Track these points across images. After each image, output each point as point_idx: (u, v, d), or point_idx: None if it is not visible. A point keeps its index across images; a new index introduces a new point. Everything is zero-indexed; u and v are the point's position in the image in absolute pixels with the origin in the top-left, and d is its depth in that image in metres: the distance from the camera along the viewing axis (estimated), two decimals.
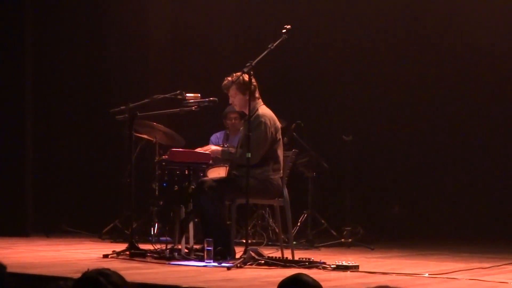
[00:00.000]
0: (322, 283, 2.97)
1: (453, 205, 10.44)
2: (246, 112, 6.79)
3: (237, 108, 7.15)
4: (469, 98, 10.46)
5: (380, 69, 10.71)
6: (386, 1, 10.69)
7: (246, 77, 6.74)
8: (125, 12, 10.87)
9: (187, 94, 7.22)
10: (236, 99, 6.90)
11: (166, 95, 7.44)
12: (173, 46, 11.33)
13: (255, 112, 6.72)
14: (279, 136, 6.84)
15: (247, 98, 6.75)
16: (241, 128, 7.27)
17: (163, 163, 7.18)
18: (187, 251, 6.71)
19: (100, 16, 10.89)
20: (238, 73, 6.77)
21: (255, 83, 6.79)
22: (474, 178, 10.43)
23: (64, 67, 10.74)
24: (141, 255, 6.79)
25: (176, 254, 6.63)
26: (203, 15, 11.10)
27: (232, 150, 7.02)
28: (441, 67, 10.58)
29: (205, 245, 6.33)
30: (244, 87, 6.78)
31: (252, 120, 6.59)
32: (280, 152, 6.86)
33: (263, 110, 6.81)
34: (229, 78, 6.85)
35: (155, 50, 11.21)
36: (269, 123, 6.73)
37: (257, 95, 6.84)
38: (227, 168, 7.03)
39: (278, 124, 6.85)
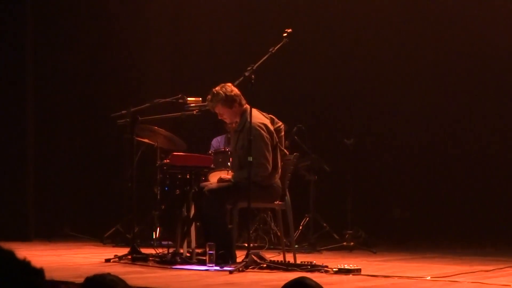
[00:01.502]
0: (324, 287, 2.96)
1: (455, 208, 10.43)
2: (238, 120, 6.78)
3: (227, 121, 7.09)
4: (470, 101, 10.47)
5: (381, 72, 10.72)
6: (387, 4, 10.69)
7: (227, 90, 6.71)
8: (125, 15, 10.89)
9: (188, 98, 7.22)
10: (225, 115, 6.86)
11: (167, 99, 7.45)
12: (174, 50, 11.34)
13: (246, 121, 6.65)
14: (275, 139, 6.80)
15: (235, 109, 6.75)
16: (232, 142, 7.16)
17: (165, 167, 7.18)
18: (189, 255, 6.70)
19: (101, 19, 10.90)
20: (217, 88, 6.76)
21: (237, 92, 6.76)
22: (476, 181, 10.43)
23: (65, 71, 10.76)
24: (143, 259, 6.79)
25: (178, 258, 6.62)
26: (204, 19, 11.12)
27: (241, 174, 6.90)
28: (442, 70, 10.59)
29: (207, 249, 6.32)
30: (230, 101, 6.74)
31: (246, 131, 6.53)
32: (277, 155, 6.83)
33: (254, 118, 6.59)
34: (209, 97, 6.82)
35: (156, 54, 11.22)
36: (263, 132, 6.67)
37: (243, 102, 6.80)
38: (229, 172, 7.02)
39: (271, 128, 6.78)
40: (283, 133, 6.97)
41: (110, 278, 2.75)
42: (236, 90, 6.75)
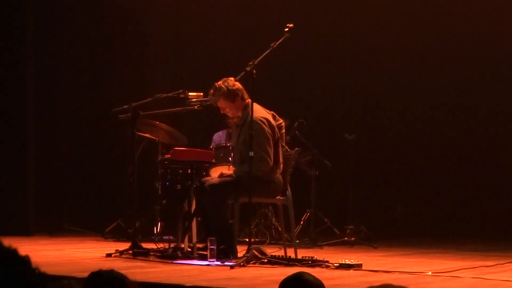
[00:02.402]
0: (325, 282, 2.96)
1: (456, 203, 10.42)
2: (240, 114, 6.80)
3: (229, 115, 7.09)
4: (471, 98, 10.45)
5: (383, 67, 10.70)
6: (389, 0, 10.68)
7: (229, 84, 6.71)
8: (127, 11, 10.88)
9: (190, 93, 7.22)
10: (227, 109, 6.86)
11: (169, 94, 7.44)
12: (175, 45, 11.33)
13: (247, 116, 6.65)
14: (276, 134, 6.81)
15: (238, 104, 6.76)
16: (234, 136, 7.16)
17: (166, 162, 7.18)
18: (190, 250, 6.71)
19: (102, 15, 10.89)
20: (220, 82, 6.77)
21: (240, 86, 6.76)
22: (477, 176, 10.42)
23: (66, 67, 10.76)
24: (144, 254, 6.79)
25: (179, 253, 6.63)
26: (205, 13, 11.10)
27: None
28: (443, 66, 10.57)
29: (208, 244, 6.33)
30: (232, 95, 6.75)
31: (248, 125, 6.53)
32: (279, 149, 6.83)
33: (255, 112, 6.62)
34: (212, 91, 6.83)
35: (157, 49, 11.21)
36: (264, 126, 6.68)
37: (245, 96, 6.81)
38: (230, 167, 7.02)
39: (273, 122, 6.79)
40: (284, 130, 6.97)
41: (115, 274, 2.75)
42: (238, 85, 6.75)
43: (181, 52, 11.29)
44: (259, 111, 6.76)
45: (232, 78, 6.75)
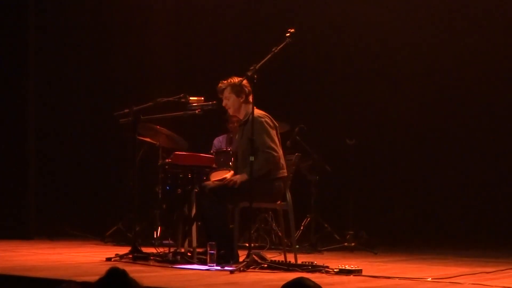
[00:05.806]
0: (325, 287, 2.95)
1: (456, 210, 10.42)
2: (240, 116, 6.84)
3: (230, 112, 7.09)
4: (471, 101, 10.45)
5: (383, 73, 10.71)
6: (390, 4, 10.68)
7: (241, 80, 6.74)
8: (128, 15, 10.90)
9: (191, 98, 7.22)
10: (230, 101, 6.89)
11: (170, 99, 7.44)
12: (176, 50, 11.34)
13: (249, 116, 6.68)
14: (278, 135, 6.84)
15: (241, 101, 6.79)
16: (237, 137, 7.21)
17: (166, 167, 7.18)
18: (190, 254, 6.70)
19: (103, 19, 10.91)
20: (234, 78, 6.81)
21: (249, 88, 6.79)
22: (478, 182, 10.41)
23: (68, 71, 10.77)
24: (144, 259, 6.79)
25: (179, 257, 6.63)
26: (207, 18, 11.12)
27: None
28: (443, 70, 10.57)
29: (208, 249, 6.32)
30: (239, 90, 6.80)
31: (250, 124, 6.55)
32: (281, 151, 6.85)
33: (257, 112, 6.72)
34: (224, 82, 6.87)
35: (158, 54, 11.23)
36: (269, 121, 6.74)
37: (250, 99, 6.82)
38: (231, 172, 7.02)
39: (275, 122, 6.84)
40: None
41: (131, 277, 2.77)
42: (249, 87, 6.75)
43: (182, 57, 11.30)
44: (263, 113, 6.82)
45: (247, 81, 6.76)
